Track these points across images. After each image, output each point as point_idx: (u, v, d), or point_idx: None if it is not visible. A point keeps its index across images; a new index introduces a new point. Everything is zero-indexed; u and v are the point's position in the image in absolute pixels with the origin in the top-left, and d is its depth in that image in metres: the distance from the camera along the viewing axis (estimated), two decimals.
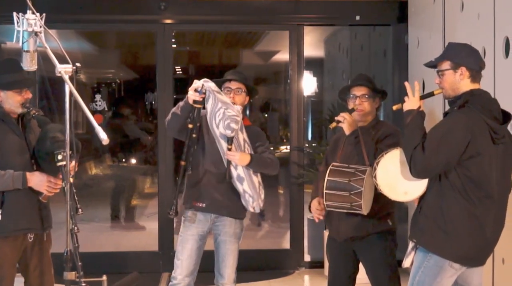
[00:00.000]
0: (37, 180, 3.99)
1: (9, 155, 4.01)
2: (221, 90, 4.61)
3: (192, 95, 4.37)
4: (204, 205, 4.55)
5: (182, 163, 4.44)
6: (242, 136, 4.54)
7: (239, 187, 4.53)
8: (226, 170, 4.49)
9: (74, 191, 3.60)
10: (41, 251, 4.16)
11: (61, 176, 3.79)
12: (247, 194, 4.55)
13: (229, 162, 4.48)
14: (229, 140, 4.42)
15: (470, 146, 3.50)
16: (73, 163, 3.75)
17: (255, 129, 4.85)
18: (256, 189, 4.58)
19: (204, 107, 4.42)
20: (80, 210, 3.65)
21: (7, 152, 4.01)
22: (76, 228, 3.43)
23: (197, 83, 4.38)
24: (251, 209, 4.62)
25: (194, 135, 4.41)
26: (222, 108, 4.39)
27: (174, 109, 4.54)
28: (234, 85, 4.63)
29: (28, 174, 3.98)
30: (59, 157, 3.72)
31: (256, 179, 4.60)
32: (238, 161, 4.45)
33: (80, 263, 3.37)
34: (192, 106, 4.38)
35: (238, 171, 4.51)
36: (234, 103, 4.53)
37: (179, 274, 4.54)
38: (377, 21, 7.51)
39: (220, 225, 4.60)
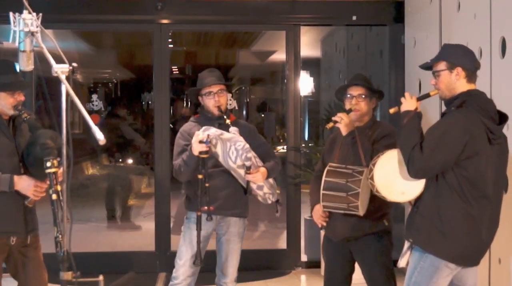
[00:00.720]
0: (25, 184, 3.95)
1: None
2: (201, 94, 4.67)
3: (198, 147, 4.34)
4: (212, 208, 4.55)
5: (198, 213, 4.37)
6: (251, 154, 4.51)
7: (260, 193, 4.65)
8: (246, 187, 4.59)
9: (61, 198, 3.56)
10: (26, 254, 4.12)
11: (48, 182, 3.74)
12: (267, 194, 4.67)
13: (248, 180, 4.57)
14: (248, 167, 4.46)
15: (468, 146, 3.50)
16: (61, 169, 3.70)
17: (244, 125, 4.84)
18: (273, 186, 4.72)
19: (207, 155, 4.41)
20: (67, 218, 3.61)
21: None
22: (60, 236, 3.39)
23: (201, 135, 4.35)
24: (269, 202, 4.74)
25: (207, 185, 4.36)
26: (231, 146, 4.42)
27: (179, 162, 4.52)
28: (215, 88, 4.63)
29: (15, 177, 3.94)
30: (48, 164, 3.61)
31: (271, 179, 4.71)
32: (261, 180, 4.54)
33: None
34: (198, 157, 4.36)
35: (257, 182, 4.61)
36: (219, 107, 4.59)
37: (181, 274, 4.57)
38: (373, 21, 7.50)
39: (225, 225, 4.65)
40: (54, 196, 3.48)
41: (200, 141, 4.33)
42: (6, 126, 4.04)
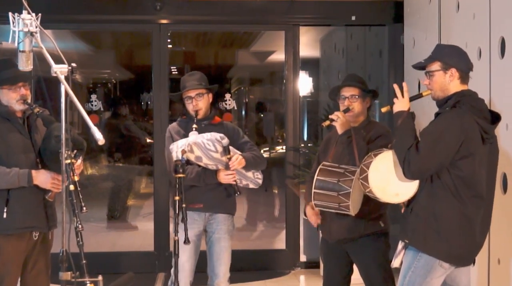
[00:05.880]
0: (43, 177, 4.02)
1: (14, 154, 4.03)
2: (183, 99, 4.76)
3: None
4: (202, 206, 4.66)
5: (175, 238, 4.25)
6: (222, 135, 4.56)
7: (248, 181, 4.77)
8: (235, 187, 4.63)
9: (79, 189, 3.63)
10: (43, 250, 4.19)
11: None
12: (256, 178, 4.79)
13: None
14: (226, 150, 4.50)
15: (463, 146, 3.52)
16: (79, 161, 3.87)
17: (229, 125, 4.92)
18: (250, 177, 4.78)
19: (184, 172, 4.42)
20: (84, 208, 3.66)
21: (13, 150, 4.04)
22: (80, 226, 3.46)
23: (175, 156, 4.43)
24: (260, 182, 4.85)
25: (184, 205, 4.30)
26: (203, 140, 4.46)
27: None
28: (192, 92, 4.72)
29: (33, 171, 4.01)
30: (64, 156, 3.69)
31: (250, 172, 4.78)
32: (243, 161, 4.58)
33: (84, 261, 3.39)
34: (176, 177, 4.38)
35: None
36: (198, 111, 4.68)
37: (182, 277, 4.58)
38: (372, 21, 7.52)
39: (214, 223, 4.71)
40: (72, 187, 3.53)
41: (176, 161, 4.37)
42: (20, 123, 4.11)
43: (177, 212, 4.27)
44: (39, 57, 3.41)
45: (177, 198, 4.27)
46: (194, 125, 4.60)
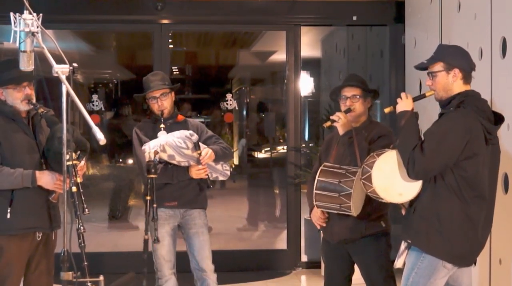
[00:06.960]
0: (48, 178, 4.01)
1: (19, 154, 4.03)
2: (147, 100, 4.84)
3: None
4: (176, 203, 4.76)
5: (146, 236, 4.48)
6: (191, 132, 4.68)
7: (217, 173, 4.87)
8: (208, 181, 4.75)
9: (81, 191, 3.64)
10: (46, 251, 4.18)
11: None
12: (224, 170, 4.89)
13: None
14: (196, 145, 4.60)
15: (468, 146, 3.51)
16: (82, 163, 3.88)
17: (193, 122, 4.99)
18: (219, 170, 4.88)
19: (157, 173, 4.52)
20: (86, 210, 3.67)
21: (17, 151, 4.03)
22: (82, 228, 3.47)
23: (147, 157, 4.55)
24: (229, 174, 4.96)
25: (155, 205, 4.46)
26: (173, 139, 4.57)
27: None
28: (157, 93, 4.78)
29: (37, 172, 4.01)
30: (67, 157, 3.70)
31: (218, 165, 4.87)
32: (213, 155, 4.67)
33: (86, 263, 3.40)
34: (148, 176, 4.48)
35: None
36: (164, 111, 4.76)
37: (166, 269, 4.74)
38: (374, 21, 7.52)
39: (190, 218, 4.81)
40: (74, 188, 3.53)
41: (149, 162, 4.50)
42: (25, 124, 4.11)
43: (147, 211, 4.41)
44: (40, 57, 3.41)
45: (148, 197, 4.42)
46: (162, 125, 4.70)
